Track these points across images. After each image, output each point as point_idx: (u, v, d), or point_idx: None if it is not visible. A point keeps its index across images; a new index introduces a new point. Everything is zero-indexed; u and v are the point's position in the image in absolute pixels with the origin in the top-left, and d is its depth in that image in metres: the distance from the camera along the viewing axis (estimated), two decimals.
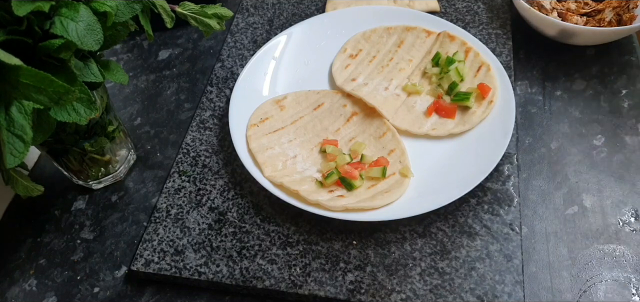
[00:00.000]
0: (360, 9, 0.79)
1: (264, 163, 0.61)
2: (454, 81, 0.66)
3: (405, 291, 0.52)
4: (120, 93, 0.77)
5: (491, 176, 0.59)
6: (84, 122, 0.47)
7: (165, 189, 0.63)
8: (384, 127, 0.65)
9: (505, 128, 0.60)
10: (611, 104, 0.67)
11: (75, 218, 0.63)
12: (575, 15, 0.73)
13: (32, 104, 0.43)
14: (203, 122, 0.70)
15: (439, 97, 0.66)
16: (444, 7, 0.81)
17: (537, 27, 0.72)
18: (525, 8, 0.71)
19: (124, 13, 0.51)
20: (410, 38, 0.74)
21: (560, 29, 0.69)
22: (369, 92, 0.68)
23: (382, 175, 0.59)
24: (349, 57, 0.74)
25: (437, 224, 0.56)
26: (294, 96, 0.70)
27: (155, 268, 0.55)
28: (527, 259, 0.54)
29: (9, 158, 0.42)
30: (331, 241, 0.56)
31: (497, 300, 0.50)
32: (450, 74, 0.67)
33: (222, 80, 0.75)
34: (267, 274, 0.54)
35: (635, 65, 0.71)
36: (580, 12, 0.75)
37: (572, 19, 0.72)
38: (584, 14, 0.74)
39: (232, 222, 0.59)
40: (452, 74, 0.67)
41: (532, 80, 0.71)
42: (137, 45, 0.84)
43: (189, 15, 0.58)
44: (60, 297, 0.56)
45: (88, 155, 0.60)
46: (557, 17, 0.71)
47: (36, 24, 0.44)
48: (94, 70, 0.50)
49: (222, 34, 0.83)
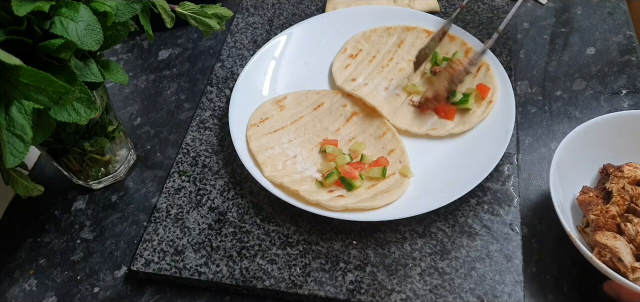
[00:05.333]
0: (360, 9, 0.79)
1: (264, 163, 0.61)
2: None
3: (405, 291, 0.52)
4: (120, 93, 0.77)
5: (491, 176, 0.59)
6: (84, 122, 0.47)
7: (165, 189, 0.63)
8: (384, 127, 0.65)
9: (505, 128, 0.60)
10: (611, 104, 0.67)
11: (75, 218, 0.63)
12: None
13: (32, 104, 0.43)
14: (203, 122, 0.70)
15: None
16: (444, 7, 0.81)
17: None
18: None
19: (124, 13, 0.51)
20: (410, 38, 0.74)
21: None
22: (369, 92, 0.68)
23: (382, 175, 0.59)
24: (349, 57, 0.74)
25: (437, 224, 0.56)
26: (294, 96, 0.70)
27: (155, 268, 0.55)
28: (527, 259, 0.54)
29: (9, 158, 0.42)
30: (331, 241, 0.56)
31: (497, 300, 0.50)
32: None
33: (222, 80, 0.75)
34: (267, 274, 0.54)
35: (635, 65, 0.71)
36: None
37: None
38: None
39: (232, 222, 0.59)
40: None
41: (532, 80, 0.71)
42: (137, 45, 0.84)
43: (189, 15, 0.58)
44: (60, 297, 0.56)
45: (88, 155, 0.60)
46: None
47: (36, 24, 0.44)
48: (94, 70, 0.50)
49: (222, 34, 0.83)
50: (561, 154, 0.54)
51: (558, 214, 0.49)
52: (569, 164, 0.55)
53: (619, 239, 0.49)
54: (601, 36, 0.75)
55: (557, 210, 0.50)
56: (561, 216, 0.49)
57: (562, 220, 0.49)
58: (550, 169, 0.53)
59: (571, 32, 0.76)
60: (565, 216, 0.50)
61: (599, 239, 0.49)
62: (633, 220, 0.50)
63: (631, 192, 0.52)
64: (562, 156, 0.54)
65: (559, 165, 0.53)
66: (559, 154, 0.54)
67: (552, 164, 0.53)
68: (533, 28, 0.77)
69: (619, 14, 0.77)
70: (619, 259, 0.47)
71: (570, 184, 0.55)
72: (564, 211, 0.53)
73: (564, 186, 0.54)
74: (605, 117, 0.57)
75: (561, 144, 0.54)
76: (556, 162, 0.53)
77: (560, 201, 0.52)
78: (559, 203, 0.51)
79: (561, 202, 0.52)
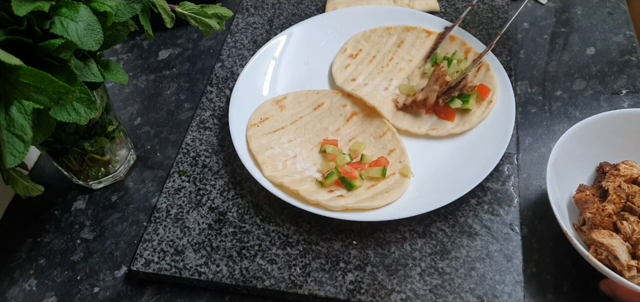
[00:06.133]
0: (360, 9, 0.79)
1: (264, 163, 0.61)
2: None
3: (405, 291, 0.52)
4: (120, 93, 0.77)
5: (491, 176, 0.59)
6: (84, 122, 0.47)
7: (165, 189, 0.63)
8: (384, 127, 0.65)
9: (505, 128, 0.60)
10: (611, 104, 0.67)
11: (75, 218, 0.63)
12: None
13: (32, 104, 0.43)
14: (203, 122, 0.70)
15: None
16: (444, 7, 0.81)
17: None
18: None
19: (124, 13, 0.51)
20: (410, 38, 0.74)
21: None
22: (369, 92, 0.68)
23: (382, 175, 0.59)
24: (349, 57, 0.74)
25: (437, 224, 0.56)
26: (294, 96, 0.70)
27: (155, 268, 0.55)
28: (527, 259, 0.54)
29: (9, 158, 0.42)
30: (331, 241, 0.56)
31: (497, 300, 0.50)
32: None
33: (222, 80, 0.75)
34: (267, 274, 0.54)
35: (635, 65, 0.71)
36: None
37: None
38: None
39: (232, 222, 0.59)
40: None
41: (532, 80, 0.71)
42: (137, 45, 0.84)
43: (189, 15, 0.58)
44: (60, 297, 0.56)
45: (88, 155, 0.60)
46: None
47: (36, 24, 0.44)
48: (94, 70, 0.50)
49: (222, 34, 0.83)
50: (558, 152, 0.54)
51: (555, 212, 0.50)
52: (565, 162, 0.55)
53: (615, 237, 0.49)
54: (601, 36, 0.75)
55: (554, 208, 0.50)
56: (558, 215, 0.49)
57: (559, 218, 0.49)
58: (547, 167, 0.53)
59: (571, 32, 0.76)
60: (562, 214, 0.50)
61: (595, 237, 0.49)
62: (629, 218, 0.50)
63: (627, 191, 0.52)
64: (559, 155, 0.54)
65: (556, 163, 0.53)
66: (556, 153, 0.54)
67: (549, 162, 0.53)
68: (533, 28, 0.77)
69: (619, 14, 0.77)
70: (615, 257, 0.47)
71: (567, 182, 0.56)
72: (561, 209, 0.53)
73: (561, 185, 0.54)
74: (601, 115, 0.57)
75: (557, 142, 0.54)
76: (553, 161, 0.53)
77: (557, 199, 0.52)
78: (556, 201, 0.51)
79: (558, 201, 0.52)
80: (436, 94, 0.64)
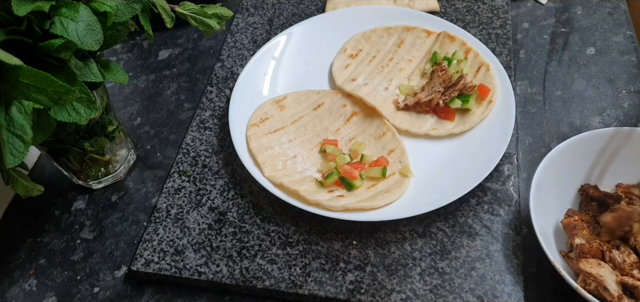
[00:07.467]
0: (360, 9, 0.79)
1: (264, 163, 0.61)
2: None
3: (405, 291, 0.52)
4: (120, 93, 0.77)
5: (491, 176, 0.59)
6: (84, 122, 0.47)
7: (165, 189, 0.63)
8: (384, 127, 0.65)
9: (505, 128, 0.60)
10: (611, 104, 0.67)
11: (75, 218, 0.63)
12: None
13: (32, 104, 0.43)
14: (203, 122, 0.70)
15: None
16: (444, 7, 0.81)
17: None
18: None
19: (124, 13, 0.51)
20: (410, 38, 0.74)
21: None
22: (369, 92, 0.68)
23: (382, 175, 0.59)
24: (349, 57, 0.74)
25: (437, 224, 0.56)
26: (294, 96, 0.70)
27: (155, 268, 0.55)
28: (527, 259, 0.54)
29: (9, 158, 0.42)
30: (331, 241, 0.56)
31: (497, 300, 0.50)
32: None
33: (222, 80, 0.75)
34: (267, 274, 0.54)
35: (635, 65, 0.71)
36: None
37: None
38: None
39: (232, 222, 0.59)
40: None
41: (532, 80, 0.71)
42: (137, 45, 0.84)
43: (189, 15, 0.58)
44: (60, 297, 0.56)
45: (88, 155, 0.60)
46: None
47: (36, 24, 0.44)
48: (94, 70, 0.50)
49: (222, 34, 0.83)
50: (541, 176, 0.53)
51: (541, 242, 0.48)
52: (549, 185, 0.53)
53: (604, 266, 0.48)
54: (601, 36, 0.75)
55: (539, 238, 0.48)
56: (544, 244, 0.48)
57: (545, 248, 0.48)
58: (530, 192, 0.51)
59: (571, 32, 0.76)
60: (547, 241, 0.49)
61: (584, 267, 0.48)
62: (620, 247, 0.49)
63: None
64: (542, 178, 0.53)
65: (539, 187, 0.52)
66: (539, 176, 0.52)
67: (532, 187, 0.52)
68: (533, 28, 0.77)
69: (619, 14, 0.77)
70: (605, 288, 0.46)
71: (551, 206, 0.54)
72: (546, 235, 0.51)
73: (545, 209, 0.53)
74: (582, 136, 0.56)
75: (539, 166, 0.53)
76: (536, 185, 0.52)
77: (542, 226, 0.51)
78: (541, 229, 0.50)
79: (543, 227, 0.51)
80: (441, 94, 0.64)
